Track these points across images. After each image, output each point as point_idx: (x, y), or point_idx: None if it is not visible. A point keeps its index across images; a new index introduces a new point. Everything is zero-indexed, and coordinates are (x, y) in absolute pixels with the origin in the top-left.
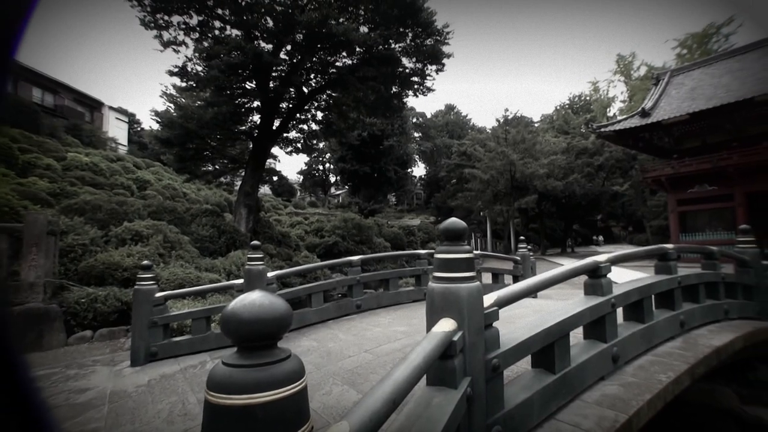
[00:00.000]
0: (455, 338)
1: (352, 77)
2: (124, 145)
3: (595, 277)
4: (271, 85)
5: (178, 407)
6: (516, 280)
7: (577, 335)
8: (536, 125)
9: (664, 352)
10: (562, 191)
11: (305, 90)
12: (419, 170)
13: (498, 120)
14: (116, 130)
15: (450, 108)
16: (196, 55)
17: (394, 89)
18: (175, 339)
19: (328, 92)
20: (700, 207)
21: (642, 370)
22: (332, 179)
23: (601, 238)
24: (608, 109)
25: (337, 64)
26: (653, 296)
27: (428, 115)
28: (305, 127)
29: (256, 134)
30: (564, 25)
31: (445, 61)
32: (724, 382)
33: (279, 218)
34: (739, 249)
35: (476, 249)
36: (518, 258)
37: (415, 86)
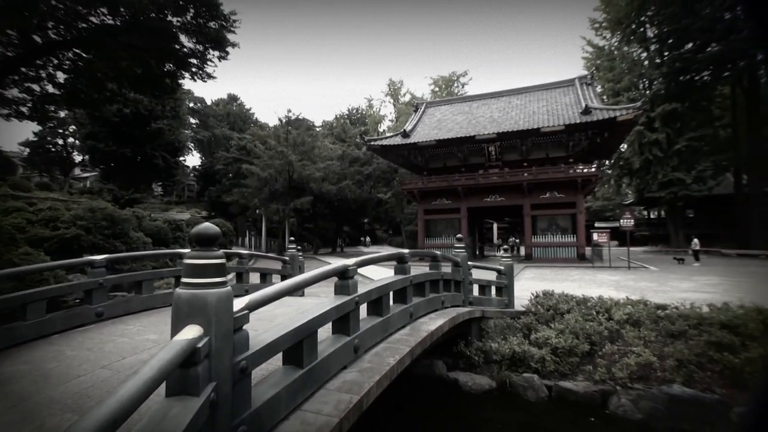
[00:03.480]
0: (200, 345)
1: (113, 41)
2: None
3: (344, 279)
4: None
5: None
6: (284, 279)
7: (328, 330)
8: (317, 129)
9: (396, 339)
10: (335, 195)
11: (38, 39)
12: (193, 160)
13: (281, 119)
14: None
15: (233, 98)
16: None
17: (168, 67)
18: None
19: (77, 51)
20: (440, 216)
21: (377, 356)
22: (78, 158)
23: (368, 239)
24: (379, 125)
25: (93, 19)
26: (391, 293)
27: (208, 102)
28: (37, 87)
29: None
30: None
31: (230, 50)
32: (438, 356)
33: None
34: (455, 253)
35: (251, 247)
36: (287, 258)
37: (194, 69)
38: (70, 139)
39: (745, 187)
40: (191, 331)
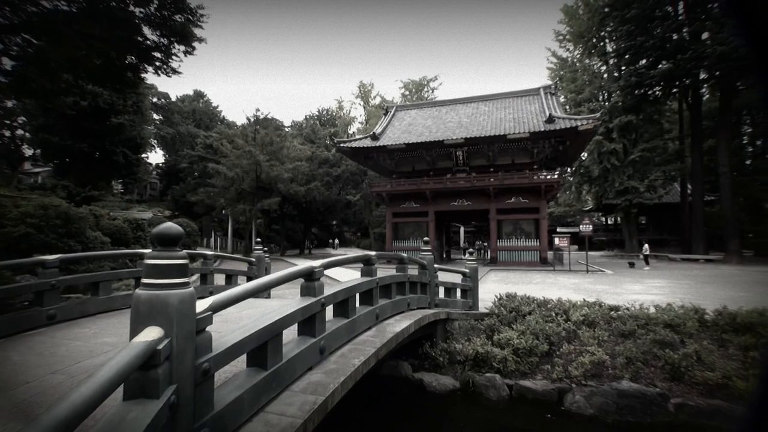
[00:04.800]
0: (160, 346)
1: (68, 28)
2: None
3: (310, 280)
4: None
5: None
6: (250, 280)
7: (294, 331)
8: (287, 130)
9: (362, 340)
10: (303, 196)
11: None
12: (157, 157)
13: (249, 118)
14: None
15: (199, 95)
16: None
17: (129, 59)
18: None
19: (26, 37)
20: (408, 220)
21: (342, 357)
22: (28, 152)
23: (336, 241)
24: (349, 127)
25: (44, 3)
26: (357, 295)
27: (173, 98)
28: None
29: None
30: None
31: (197, 45)
32: (404, 357)
33: None
34: (422, 255)
35: (216, 248)
36: (253, 259)
37: (158, 63)
38: (19, 131)
39: (689, 197)
40: (151, 333)
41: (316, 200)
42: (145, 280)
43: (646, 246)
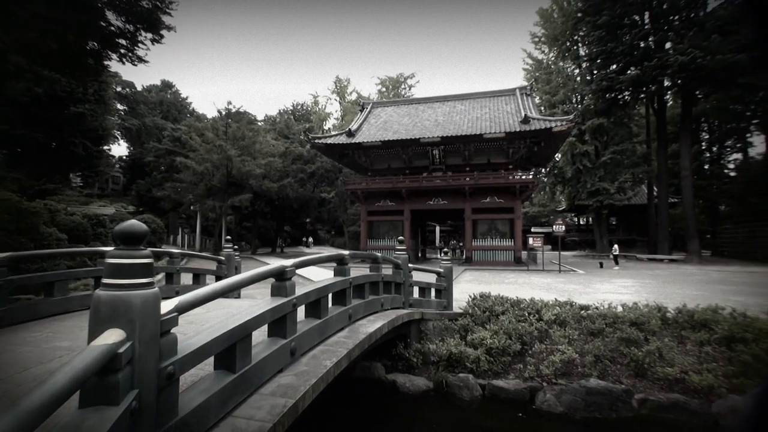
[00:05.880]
0: (121, 350)
1: (18, 8)
2: None
3: (281, 280)
4: None
5: None
6: (219, 280)
7: (264, 332)
8: (259, 124)
9: (334, 341)
10: (276, 193)
11: None
12: (120, 149)
13: (220, 111)
14: None
15: (167, 85)
16: None
17: (91, 45)
18: None
19: None
20: (383, 218)
21: (314, 359)
22: None
23: (310, 239)
24: (325, 123)
25: None
26: (330, 295)
27: (139, 87)
28: None
29: None
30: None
31: (165, 33)
32: (378, 358)
33: None
34: (396, 255)
35: (183, 246)
36: (223, 258)
37: (122, 51)
38: None
39: (655, 198)
40: (112, 336)
41: (290, 197)
42: (106, 280)
43: (616, 246)
